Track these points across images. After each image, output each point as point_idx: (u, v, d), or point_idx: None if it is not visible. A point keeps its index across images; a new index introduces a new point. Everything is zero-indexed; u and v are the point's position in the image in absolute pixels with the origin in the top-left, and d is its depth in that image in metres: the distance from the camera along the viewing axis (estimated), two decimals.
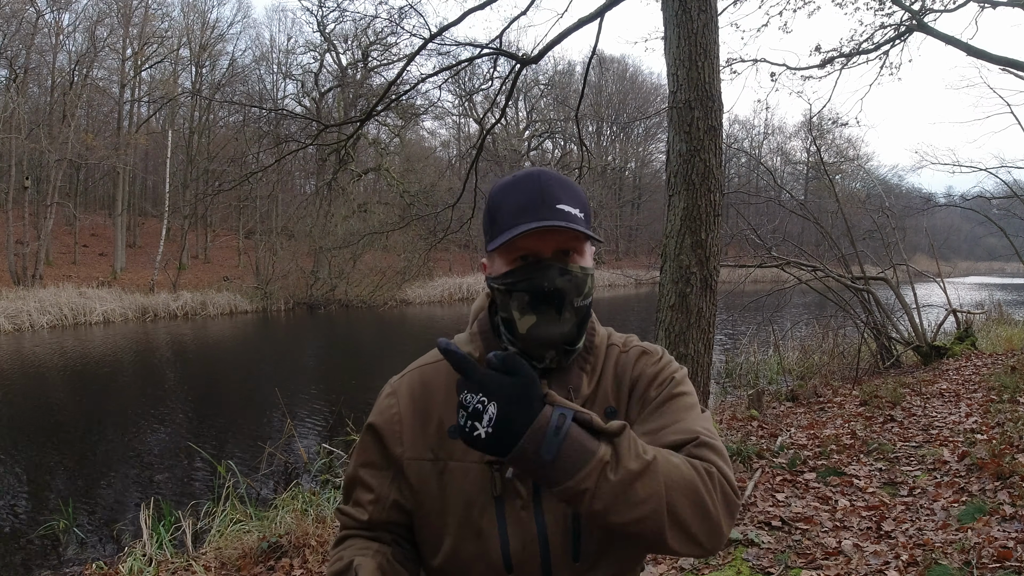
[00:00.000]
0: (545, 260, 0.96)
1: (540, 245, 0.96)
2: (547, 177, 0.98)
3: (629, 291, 32.76)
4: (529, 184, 0.97)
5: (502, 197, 0.99)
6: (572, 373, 1.02)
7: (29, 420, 9.46)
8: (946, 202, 16.80)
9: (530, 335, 0.96)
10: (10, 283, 21.40)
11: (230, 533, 4.39)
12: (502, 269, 0.99)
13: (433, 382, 1.04)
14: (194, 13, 30.92)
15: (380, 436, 1.04)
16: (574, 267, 0.97)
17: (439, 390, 1.03)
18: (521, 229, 0.93)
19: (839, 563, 3.11)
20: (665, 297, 4.90)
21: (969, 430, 5.16)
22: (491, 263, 1.02)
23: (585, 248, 0.99)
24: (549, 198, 0.95)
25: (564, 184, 0.99)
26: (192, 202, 27.16)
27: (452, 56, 13.69)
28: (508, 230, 0.95)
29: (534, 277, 0.95)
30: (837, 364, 10.15)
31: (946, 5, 10.74)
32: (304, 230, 26.88)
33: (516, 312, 0.97)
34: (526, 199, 0.96)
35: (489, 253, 1.01)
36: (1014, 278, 40.30)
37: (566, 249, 0.97)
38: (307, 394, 11.07)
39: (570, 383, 1.01)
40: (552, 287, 0.95)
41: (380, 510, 1.03)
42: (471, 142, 34.77)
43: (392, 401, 1.05)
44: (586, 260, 1.00)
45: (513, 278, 0.97)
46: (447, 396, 1.02)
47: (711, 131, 4.75)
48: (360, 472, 1.05)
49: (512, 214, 0.96)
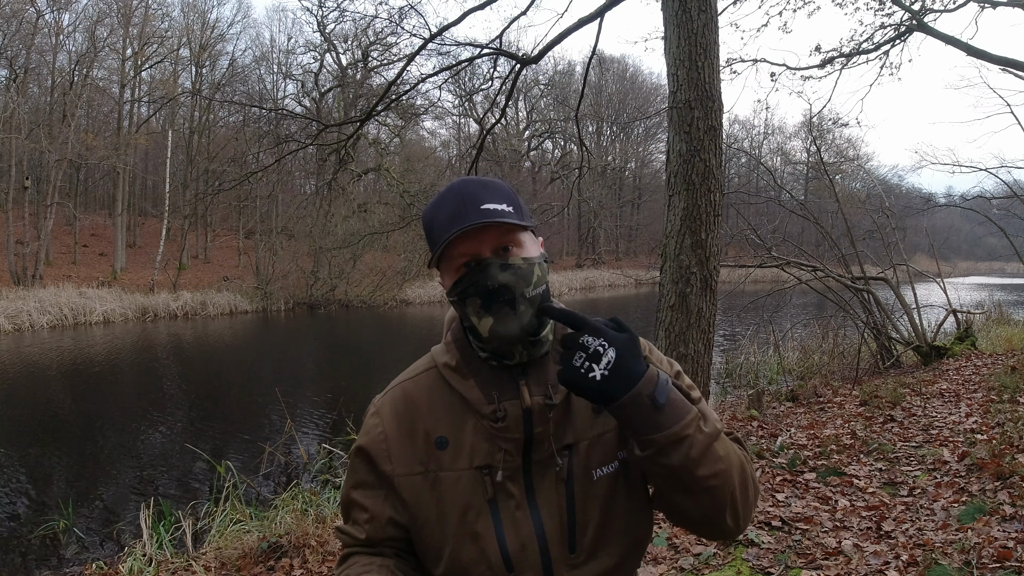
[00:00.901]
0: (485, 260, 0.98)
1: (477, 247, 0.98)
2: (468, 184, 1.01)
3: (629, 291, 32.79)
4: (451, 195, 1.00)
5: (432, 214, 1.02)
6: (548, 368, 1.03)
7: (29, 420, 9.46)
8: (946, 202, 16.81)
9: (492, 335, 0.98)
10: (10, 283, 21.40)
11: (230, 533, 4.40)
12: (450, 280, 1.02)
13: (415, 396, 1.07)
14: (194, 13, 30.94)
15: (369, 456, 1.06)
16: (515, 260, 0.99)
17: (422, 403, 1.06)
18: (448, 234, 0.96)
19: (839, 563, 3.11)
20: (665, 297, 4.90)
21: (969, 430, 5.16)
22: (443, 278, 1.04)
23: (524, 239, 1.01)
24: (472, 202, 0.98)
25: (487, 185, 1.01)
26: (192, 202, 27.16)
27: (452, 56, 13.70)
28: (441, 241, 0.98)
29: (478, 278, 0.97)
30: (837, 364, 10.15)
31: (946, 5, 10.75)
32: (304, 230, 26.88)
33: (474, 317, 0.99)
34: (451, 208, 0.98)
35: (439, 269, 1.03)
36: (1014, 278, 40.28)
37: (504, 245, 0.99)
38: (307, 394, 11.08)
39: (547, 379, 1.02)
40: (496, 283, 0.96)
41: (377, 528, 1.05)
42: (471, 142, 34.79)
43: (377, 420, 1.07)
44: (528, 251, 1.01)
45: (461, 285, 0.99)
46: (430, 408, 1.05)
47: (711, 131, 4.75)
48: (353, 494, 1.08)
49: (442, 227, 0.98)
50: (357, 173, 29.35)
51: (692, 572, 3.25)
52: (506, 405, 1.00)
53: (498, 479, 0.99)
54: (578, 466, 1.01)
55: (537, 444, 1.00)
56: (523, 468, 1.01)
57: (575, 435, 1.02)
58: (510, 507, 1.00)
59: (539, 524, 1.00)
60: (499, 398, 1.00)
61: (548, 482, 1.01)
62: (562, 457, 1.01)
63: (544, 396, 1.01)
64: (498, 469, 1.00)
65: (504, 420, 0.99)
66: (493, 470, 1.00)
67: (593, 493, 1.01)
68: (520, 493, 1.00)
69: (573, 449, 1.02)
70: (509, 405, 1.00)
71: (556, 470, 1.00)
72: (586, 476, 1.01)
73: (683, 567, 3.29)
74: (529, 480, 1.01)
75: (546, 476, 1.01)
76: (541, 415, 1.00)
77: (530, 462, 1.01)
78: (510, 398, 1.00)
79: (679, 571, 3.27)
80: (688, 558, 3.36)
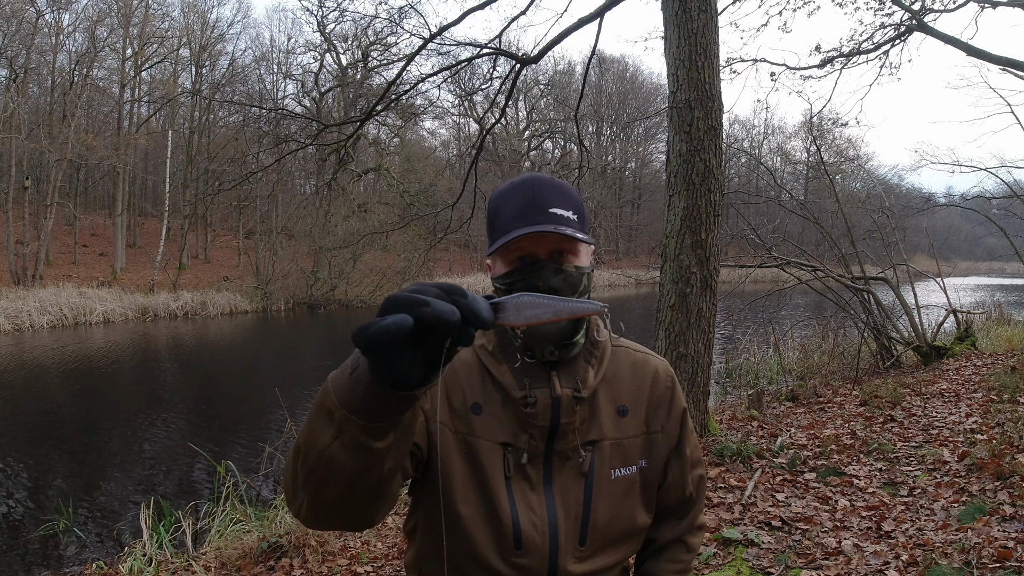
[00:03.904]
0: (540, 261, 1.02)
1: (535, 247, 1.02)
2: (541, 183, 1.04)
3: (629, 291, 32.78)
4: (524, 190, 1.03)
5: (500, 202, 1.05)
6: (578, 365, 1.07)
7: (29, 420, 9.45)
8: (946, 202, 16.82)
9: (529, 330, 1.01)
10: (10, 283, 21.39)
11: (230, 533, 4.40)
12: (502, 270, 1.05)
13: (455, 364, 1.08)
14: (194, 13, 30.93)
15: None
16: (568, 267, 1.03)
17: (460, 372, 1.08)
18: (514, 234, 0.99)
19: (839, 563, 3.11)
20: (665, 297, 4.90)
21: (969, 430, 5.15)
22: (493, 264, 1.08)
23: (580, 248, 1.04)
24: (542, 202, 1.01)
25: (558, 188, 1.04)
26: (192, 202, 27.16)
27: (452, 56, 13.71)
28: (504, 234, 1.02)
29: (530, 277, 1.01)
30: (837, 364, 10.15)
31: (946, 5, 10.75)
32: (304, 230, 26.88)
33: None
34: (521, 204, 1.02)
35: (491, 255, 1.07)
36: (1014, 278, 40.27)
37: (560, 250, 1.02)
38: (307, 394, 11.06)
39: (577, 375, 1.06)
40: (547, 286, 1.00)
41: None
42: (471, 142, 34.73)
43: None
44: (581, 259, 1.05)
45: (511, 278, 1.03)
46: (468, 378, 1.07)
47: (711, 131, 4.75)
48: None
49: (508, 219, 1.02)
50: (357, 173, 29.36)
51: (692, 572, 3.24)
52: (536, 392, 1.03)
53: (523, 461, 1.03)
54: (599, 463, 1.05)
55: (561, 434, 1.04)
56: (544, 454, 1.04)
57: (599, 433, 1.06)
58: (524, 488, 1.03)
59: (552, 511, 1.03)
60: (531, 385, 1.04)
61: (568, 473, 1.04)
62: (585, 451, 1.05)
63: (573, 389, 1.04)
64: (523, 451, 1.03)
65: (534, 406, 1.02)
66: (516, 451, 1.03)
67: (610, 491, 1.06)
68: (537, 477, 1.04)
69: (596, 446, 1.06)
70: (539, 392, 1.03)
71: (579, 462, 1.04)
72: (605, 474, 1.05)
73: None
74: (549, 467, 1.04)
75: (566, 466, 1.04)
76: (569, 406, 1.03)
77: (552, 451, 1.04)
78: (541, 386, 1.04)
79: None
80: None
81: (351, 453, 0.78)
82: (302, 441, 0.83)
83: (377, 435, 0.77)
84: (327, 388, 0.79)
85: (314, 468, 0.81)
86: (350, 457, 0.78)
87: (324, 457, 0.79)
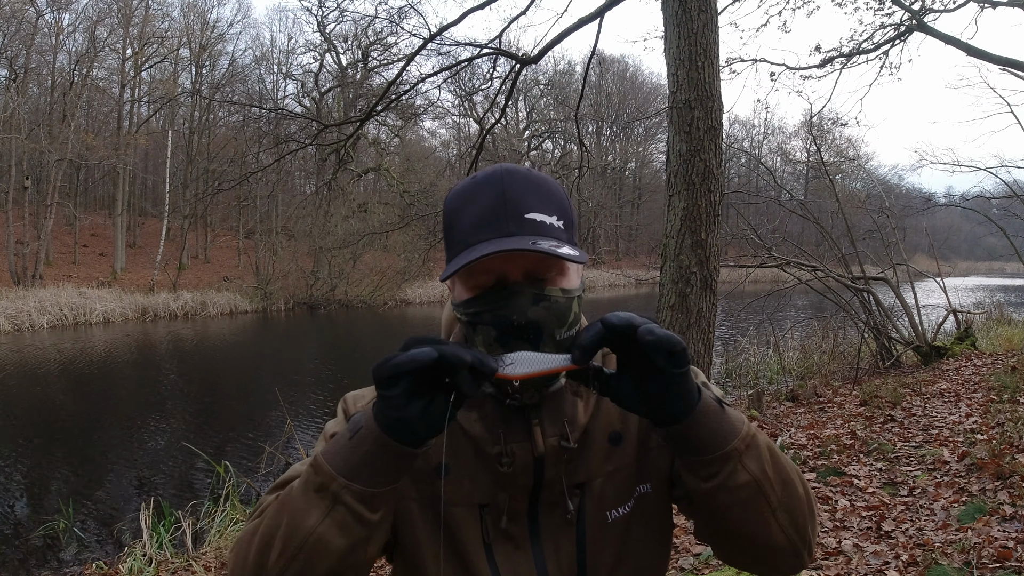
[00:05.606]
0: (514, 285, 0.76)
1: (507, 266, 0.76)
2: (513, 177, 0.79)
3: (629, 291, 32.75)
4: (490, 189, 0.78)
5: (458, 206, 0.80)
6: (564, 401, 0.85)
7: (29, 420, 9.46)
8: (946, 202, 16.84)
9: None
10: (10, 283, 21.39)
11: (230, 533, 4.40)
12: (464, 295, 0.80)
13: None
14: (194, 13, 30.94)
15: None
16: (553, 291, 0.77)
17: None
18: (475, 255, 0.73)
19: (839, 563, 3.11)
20: (665, 297, 4.91)
21: (969, 430, 5.16)
22: (453, 285, 0.84)
23: (567, 266, 0.80)
24: (514, 207, 0.76)
25: (536, 185, 0.79)
26: (192, 202, 27.13)
27: (452, 56, 13.67)
28: (464, 250, 0.77)
29: (500, 307, 0.76)
30: (837, 364, 10.15)
31: (946, 5, 10.76)
32: (304, 230, 26.88)
33: (483, 348, 0.78)
34: (485, 208, 0.77)
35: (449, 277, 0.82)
36: (1014, 278, 40.25)
37: (541, 272, 0.78)
38: (307, 394, 11.07)
39: (564, 414, 0.85)
40: (523, 320, 0.75)
41: None
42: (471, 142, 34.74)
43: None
44: (569, 280, 0.80)
45: (476, 307, 0.78)
46: None
47: (711, 131, 4.75)
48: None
49: (470, 229, 0.77)
50: (357, 173, 29.35)
51: (692, 572, 3.25)
52: (514, 448, 0.82)
53: (502, 525, 0.84)
54: (591, 507, 0.85)
55: (547, 486, 0.84)
56: (528, 511, 0.86)
57: (588, 472, 0.86)
58: (508, 551, 0.84)
59: (542, 566, 0.84)
60: (506, 438, 0.83)
61: (555, 523, 0.85)
62: (573, 497, 0.85)
63: (560, 436, 0.83)
64: (501, 513, 0.84)
65: (511, 466, 0.82)
66: (494, 511, 0.84)
67: (607, 536, 0.86)
68: (522, 535, 0.85)
69: (586, 488, 0.86)
70: (518, 448, 0.83)
71: (567, 516, 0.85)
72: (599, 518, 0.85)
73: (683, 567, 3.29)
74: (534, 520, 0.85)
75: (553, 515, 0.85)
76: (555, 459, 0.83)
77: (537, 503, 0.85)
78: (519, 440, 0.83)
79: (679, 571, 3.26)
80: (688, 558, 3.36)
81: (343, 530, 0.71)
82: (274, 532, 0.72)
83: (375, 504, 0.72)
84: (317, 464, 0.72)
85: (295, 556, 0.71)
86: (342, 535, 0.71)
87: (310, 541, 0.71)
